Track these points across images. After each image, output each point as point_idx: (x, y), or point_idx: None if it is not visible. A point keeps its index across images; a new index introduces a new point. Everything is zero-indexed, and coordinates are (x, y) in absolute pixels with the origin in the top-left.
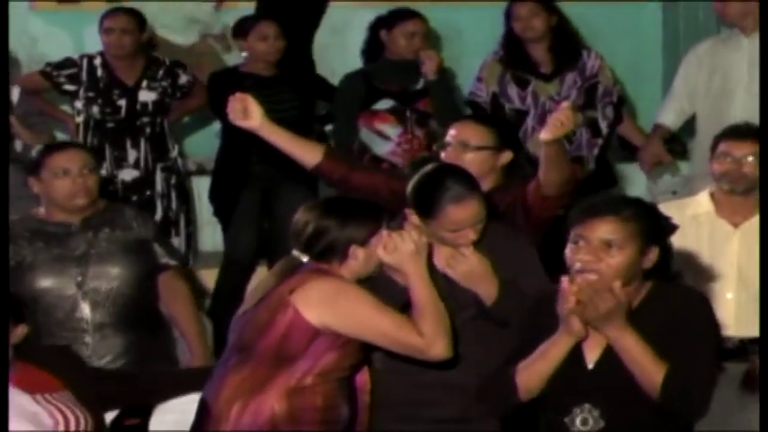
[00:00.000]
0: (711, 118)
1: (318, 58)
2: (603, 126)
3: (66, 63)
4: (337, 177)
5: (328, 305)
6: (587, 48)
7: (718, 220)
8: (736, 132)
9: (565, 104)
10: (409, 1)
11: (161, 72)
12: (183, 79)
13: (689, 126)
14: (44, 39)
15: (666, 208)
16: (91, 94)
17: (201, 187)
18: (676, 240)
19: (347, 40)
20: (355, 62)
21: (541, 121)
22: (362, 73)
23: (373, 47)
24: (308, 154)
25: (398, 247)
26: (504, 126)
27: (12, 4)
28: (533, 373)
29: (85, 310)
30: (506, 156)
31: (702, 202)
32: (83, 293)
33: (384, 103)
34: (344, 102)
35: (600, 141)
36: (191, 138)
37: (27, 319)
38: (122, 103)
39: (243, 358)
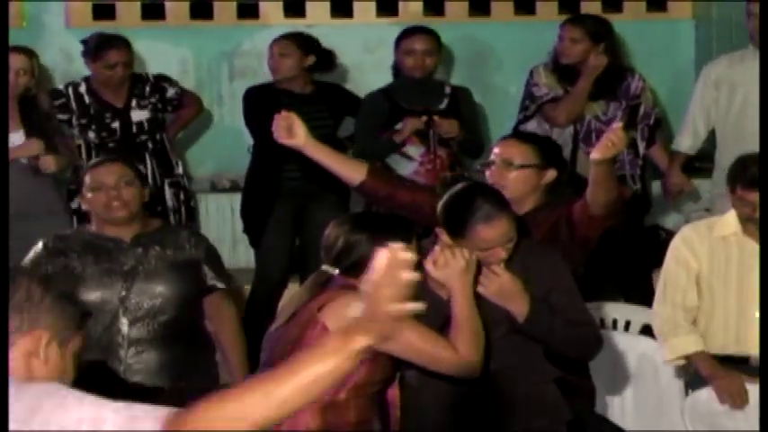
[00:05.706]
0: (733, 136)
1: (354, 76)
2: (641, 147)
3: (54, 94)
4: (382, 195)
5: None
6: (631, 71)
7: (746, 239)
8: (750, 181)
9: (617, 125)
10: (439, 18)
11: (147, 89)
12: (171, 92)
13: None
14: (79, 56)
15: (695, 227)
16: (83, 121)
17: (236, 203)
18: (706, 260)
19: (382, 58)
20: (390, 80)
21: (585, 139)
22: (385, 91)
23: (397, 66)
24: (352, 172)
25: (449, 264)
26: (548, 144)
27: (48, 22)
28: None
29: (124, 325)
30: (550, 174)
31: (730, 222)
32: (124, 308)
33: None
34: (366, 120)
35: (640, 162)
36: (225, 155)
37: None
38: (116, 125)
39: None
